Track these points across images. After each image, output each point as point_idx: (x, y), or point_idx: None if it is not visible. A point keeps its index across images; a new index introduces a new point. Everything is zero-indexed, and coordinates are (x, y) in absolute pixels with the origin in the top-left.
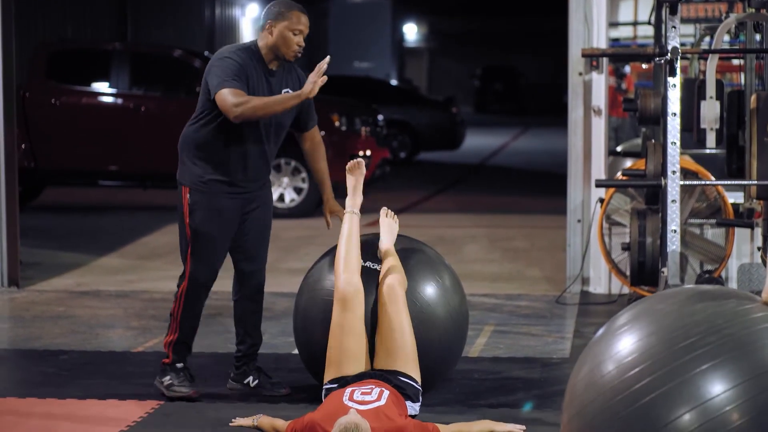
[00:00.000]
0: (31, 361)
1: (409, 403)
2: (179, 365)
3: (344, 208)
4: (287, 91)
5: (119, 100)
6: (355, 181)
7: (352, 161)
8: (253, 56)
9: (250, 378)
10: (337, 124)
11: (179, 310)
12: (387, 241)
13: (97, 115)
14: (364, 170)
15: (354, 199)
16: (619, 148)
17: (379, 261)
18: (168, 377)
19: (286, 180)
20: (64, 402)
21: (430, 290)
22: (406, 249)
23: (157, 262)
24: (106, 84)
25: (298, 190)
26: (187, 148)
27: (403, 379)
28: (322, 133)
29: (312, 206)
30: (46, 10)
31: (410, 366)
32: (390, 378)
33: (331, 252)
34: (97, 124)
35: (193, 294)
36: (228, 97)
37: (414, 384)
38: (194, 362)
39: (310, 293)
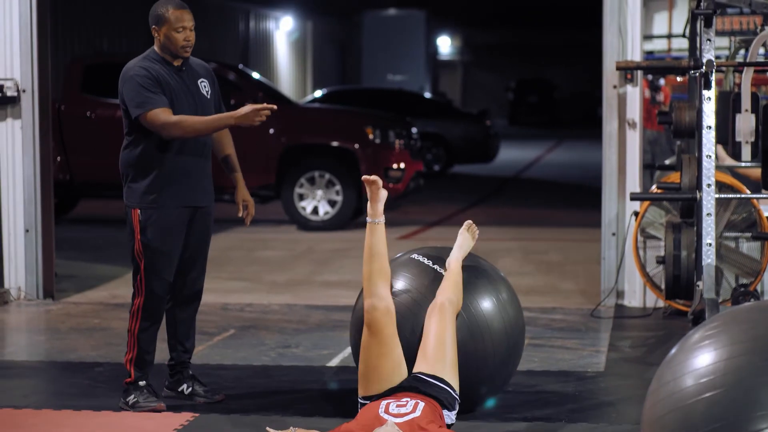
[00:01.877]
0: (66, 373)
1: (445, 412)
2: (141, 383)
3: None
4: (203, 82)
5: None
6: (371, 192)
7: (365, 176)
8: (156, 61)
9: (185, 386)
10: (371, 137)
11: (136, 325)
12: (456, 256)
13: None
14: (379, 182)
15: (373, 207)
16: (668, 162)
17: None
18: (132, 396)
19: (320, 193)
20: (99, 414)
21: (486, 304)
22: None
23: None
24: None
25: (332, 203)
26: (128, 172)
27: (440, 385)
28: (356, 145)
29: (346, 219)
30: (82, 24)
31: (449, 373)
32: (426, 390)
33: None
34: None
35: (150, 308)
36: (157, 118)
37: (451, 391)
38: (228, 375)
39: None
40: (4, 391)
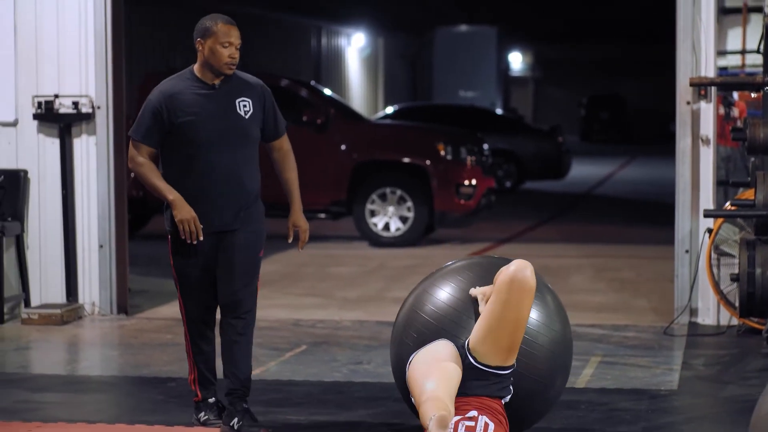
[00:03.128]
0: (139, 388)
1: (504, 400)
2: (211, 400)
3: None
4: (243, 101)
5: None
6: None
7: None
8: (189, 79)
9: (235, 419)
10: (442, 153)
11: (189, 348)
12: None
13: None
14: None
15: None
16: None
17: None
18: (203, 413)
19: (391, 209)
20: (172, 429)
21: (533, 315)
22: None
23: (264, 290)
24: None
25: (403, 219)
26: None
27: (500, 373)
28: (428, 162)
29: (418, 235)
30: (155, 40)
31: (510, 356)
32: (490, 392)
33: (419, 286)
34: None
35: (195, 331)
36: (133, 148)
37: (507, 374)
38: (299, 391)
39: (408, 326)
40: (79, 405)
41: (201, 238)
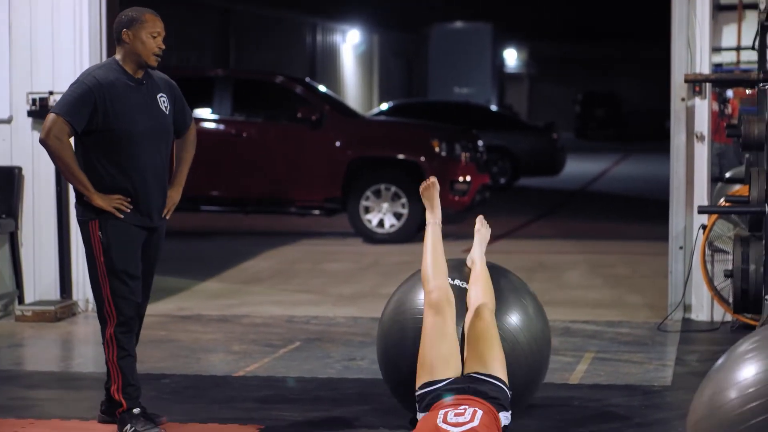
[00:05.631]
0: None
1: (501, 414)
2: (136, 411)
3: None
4: (162, 97)
5: (221, 126)
6: (429, 197)
7: (424, 183)
8: (115, 71)
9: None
10: (437, 149)
11: (114, 354)
12: (478, 253)
13: (199, 140)
14: (437, 186)
15: (432, 212)
16: (728, 175)
17: (466, 279)
18: (129, 425)
19: (385, 206)
20: (167, 425)
21: (513, 317)
22: (491, 276)
23: (258, 286)
24: (209, 110)
25: (397, 216)
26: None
27: (495, 383)
28: (422, 158)
29: (412, 232)
30: None
31: (500, 370)
32: (482, 389)
33: (405, 284)
34: (199, 149)
35: (123, 334)
36: (52, 125)
37: (505, 389)
38: (294, 387)
39: (394, 322)
40: (72, 402)
41: (132, 207)
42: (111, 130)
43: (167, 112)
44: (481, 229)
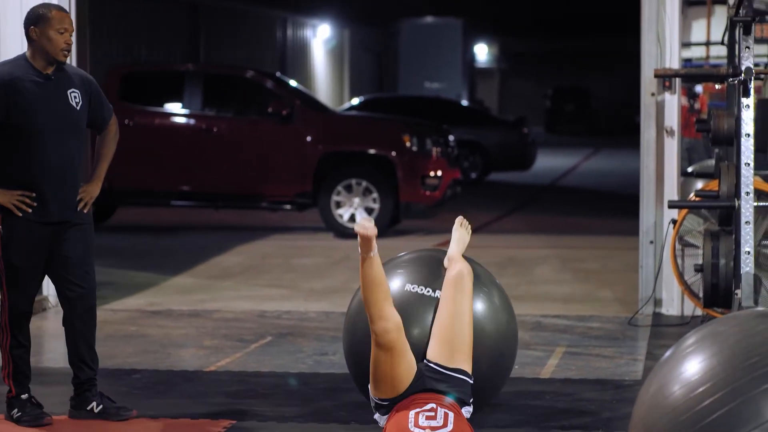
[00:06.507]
0: (103, 380)
1: (464, 409)
2: (24, 396)
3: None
4: (74, 93)
5: (192, 121)
6: (366, 244)
7: (358, 227)
8: (22, 66)
9: (93, 404)
10: (408, 144)
11: (7, 342)
12: (455, 249)
13: (169, 135)
14: (374, 230)
15: (367, 246)
16: (690, 169)
17: (435, 287)
18: (16, 410)
19: (357, 200)
20: (137, 421)
21: (479, 307)
22: None
23: (229, 281)
24: (179, 105)
25: (369, 211)
26: None
27: (459, 377)
28: (393, 153)
29: (383, 227)
30: (120, 33)
31: (463, 358)
32: (447, 389)
33: None
34: (169, 144)
35: (16, 325)
36: None
37: (468, 381)
38: (265, 382)
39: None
40: (42, 397)
41: (35, 204)
42: (12, 125)
43: (78, 108)
44: (459, 229)
